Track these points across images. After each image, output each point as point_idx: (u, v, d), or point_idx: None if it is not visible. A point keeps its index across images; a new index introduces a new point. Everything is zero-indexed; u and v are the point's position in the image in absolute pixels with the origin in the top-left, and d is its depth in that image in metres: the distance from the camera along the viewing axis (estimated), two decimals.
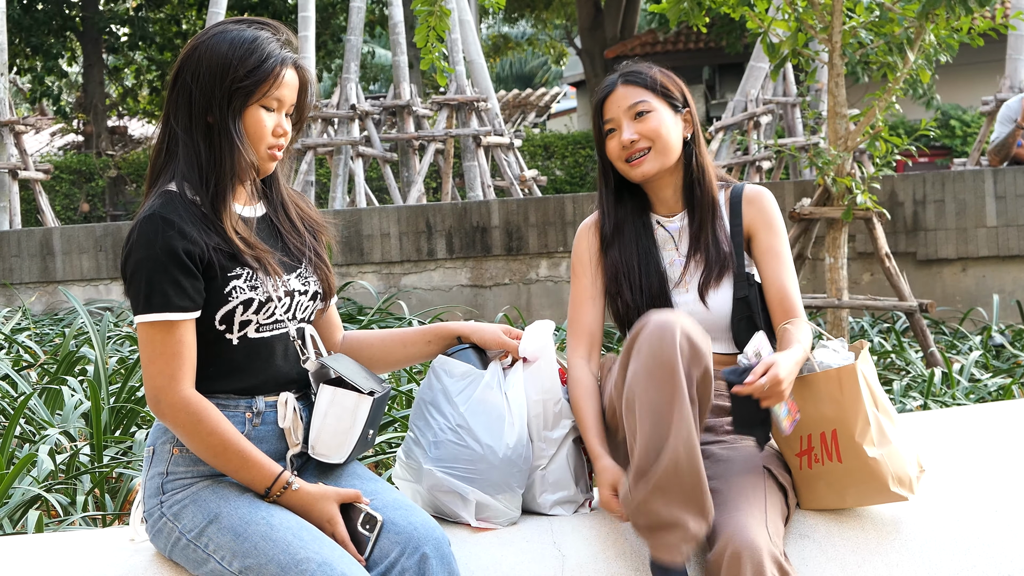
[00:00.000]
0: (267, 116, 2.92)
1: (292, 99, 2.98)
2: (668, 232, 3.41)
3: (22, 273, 12.28)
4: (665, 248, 3.40)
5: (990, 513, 3.11)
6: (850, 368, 3.03)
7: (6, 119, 14.50)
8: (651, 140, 3.29)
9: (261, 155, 2.94)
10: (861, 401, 3.00)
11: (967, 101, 23.32)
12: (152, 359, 2.83)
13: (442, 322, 3.44)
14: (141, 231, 2.83)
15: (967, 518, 3.09)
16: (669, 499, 2.76)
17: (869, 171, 8.43)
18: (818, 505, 3.11)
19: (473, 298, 11.64)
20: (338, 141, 15.03)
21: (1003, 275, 10.78)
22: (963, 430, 3.87)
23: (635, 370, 2.84)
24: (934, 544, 3.01)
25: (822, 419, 3.03)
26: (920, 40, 7.84)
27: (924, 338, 8.13)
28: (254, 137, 2.92)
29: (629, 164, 3.31)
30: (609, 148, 3.34)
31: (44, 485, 5.01)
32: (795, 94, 15.70)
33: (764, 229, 3.36)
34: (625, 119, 3.30)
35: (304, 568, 2.67)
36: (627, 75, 3.37)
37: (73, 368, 7.56)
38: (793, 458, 3.09)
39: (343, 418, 2.97)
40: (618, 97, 3.34)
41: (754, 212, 3.39)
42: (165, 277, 2.80)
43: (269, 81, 2.89)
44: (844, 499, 3.08)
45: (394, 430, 5.71)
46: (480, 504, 3.12)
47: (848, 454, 2.99)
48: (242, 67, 2.87)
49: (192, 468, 2.90)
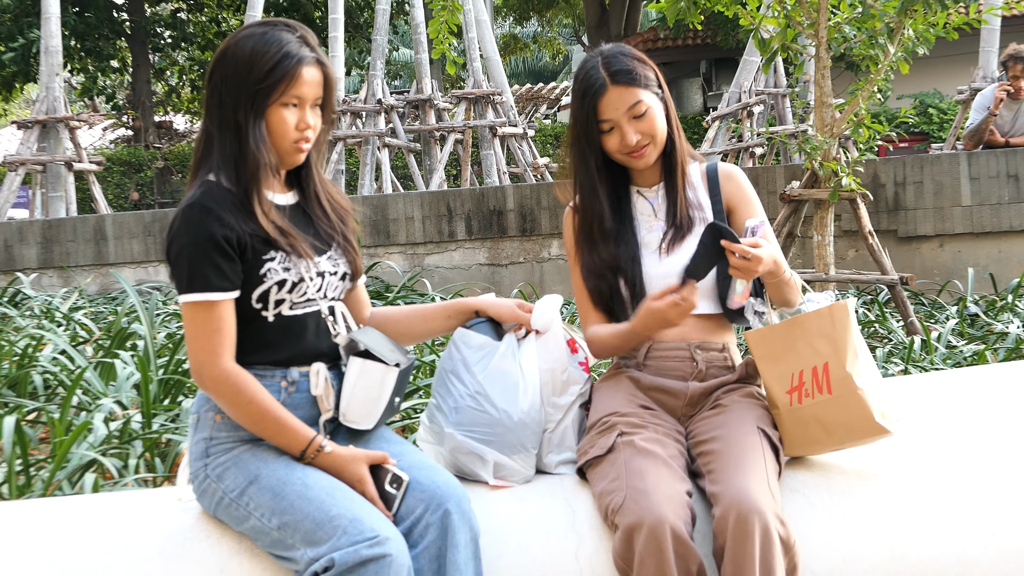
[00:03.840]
0: (289, 113, 2.91)
1: (315, 94, 2.95)
2: (649, 203, 3.40)
3: (78, 257, 12.30)
4: (647, 219, 3.39)
5: (965, 465, 3.11)
6: (842, 304, 3.02)
7: (61, 116, 14.52)
8: (651, 136, 3.27)
9: (286, 149, 2.93)
10: (851, 334, 2.99)
11: (944, 90, 23.24)
12: (195, 335, 2.85)
13: (461, 298, 3.44)
14: (184, 218, 2.84)
15: (945, 471, 3.09)
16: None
17: (853, 156, 8.40)
18: (806, 448, 3.06)
19: (490, 276, 11.64)
20: (366, 133, 15.03)
21: (977, 250, 10.76)
22: (941, 392, 3.87)
23: (638, 566, 2.71)
24: (914, 495, 3.01)
25: (815, 354, 3.01)
26: (899, 34, 7.82)
27: (905, 309, 8.13)
28: (278, 134, 2.91)
29: (631, 156, 3.29)
30: (608, 144, 3.29)
31: (99, 450, 5.03)
32: (785, 85, 15.66)
33: (743, 202, 3.37)
34: (624, 120, 3.25)
35: (337, 524, 2.68)
36: (616, 75, 3.25)
37: (125, 343, 7.57)
38: (783, 396, 3.04)
39: (371, 388, 2.98)
40: (614, 99, 3.25)
41: (732, 187, 3.39)
42: (206, 261, 2.81)
43: (286, 80, 2.88)
44: (832, 435, 3.01)
45: (418, 397, 5.72)
46: (497, 464, 3.13)
47: (838, 386, 2.96)
48: (262, 69, 2.87)
49: (233, 433, 2.91)
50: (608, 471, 2.95)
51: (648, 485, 2.81)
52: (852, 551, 2.91)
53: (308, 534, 2.70)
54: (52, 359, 7.07)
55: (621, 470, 2.91)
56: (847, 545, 2.92)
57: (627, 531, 2.75)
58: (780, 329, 3.09)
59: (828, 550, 2.91)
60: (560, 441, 3.23)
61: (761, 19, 8.38)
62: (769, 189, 10.84)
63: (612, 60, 3.29)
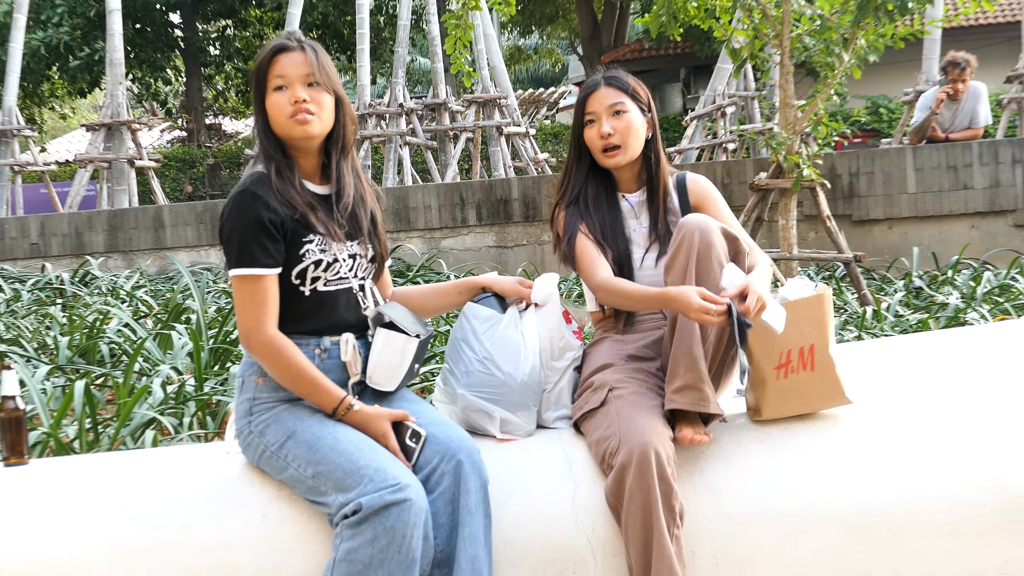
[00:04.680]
0: (280, 94, 2.92)
1: (301, 72, 2.93)
2: (630, 204, 3.40)
3: (139, 242, 12.30)
4: (629, 218, 3.39)
5: (912, 419, 3.10)
6: (822, 296, 3.04)
7: (124, 119, 14.51)
8: (623, 137, 3.28)
9: (287, 124, 2.92)
10: (830, 323, 3.02)
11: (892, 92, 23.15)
12: (243, 306, 2.85)
13: (471, 276, 3.43)
14: (235, 203, 2.86)
15: (894, 424, 3.08)
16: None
17: (813, 150, 8.39)
18: (780, 413, 3.07)
19: (498, 256, 11.63)
20: (389, 132, 15.00)
21: (921, 232, 10.74)
22: (890, 356, 3.86)
23: (628, 500, 2.77)
24: (867, 446, 3.00)
25: (801, 336, 3.01)
26: (853, 44, 7.80)
27: (858, 283, 8.11)
28: (278, 115, 2.92)
29: (605, 155, 3.31)
30: (588, 136, 3.34)
31: (158, 410, 5.04)
32: (753, 89, 15.63)
33: (708, 200, 3.37)
34: (605, 114, 3.30)
35: (364, 473, 2.68)
36: (609, 78, 3.34)
37: (180, 317, 7.58)
38: (772, 371, 3.04)
39: (395, 355, 2.98)
40: (601, 96, 3.32)
41: (698, 190, 3.40)
42: (253, 241, 2.82)
43: (267, 68, 2.93)
44: (806, 404, 3.05)
45: (435, 363, 5.72)
46: (503, 420, 3.13)
47: (820, 364, 2.99)
48: (257, 67, 2.95)
49: (274, 394, 2.91)
50: (602, 422, 2.97)
51: (637, 427, 2.83)
52: (814, 496, 2.91)
53: (339, 482, 2.71)
54: (117, 331, 7.09)
55: (613, 419, 2.92)
56: (809, 490, 2.92)
57: (620, 470, 2.78)
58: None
59: (793, 495, 2.91)
60: (557, 399, 3.25)
61: (732, 31, 8.42)
62: (740, 180, 10.83)
63: (612, 72, 3.38)
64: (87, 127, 15.16)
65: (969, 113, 10.53)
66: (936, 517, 2.88)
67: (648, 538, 2.73)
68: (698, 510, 2.88)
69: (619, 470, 2.79)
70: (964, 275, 9.03)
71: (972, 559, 2.88)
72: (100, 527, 2.83)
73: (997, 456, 2.98)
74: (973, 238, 10.60)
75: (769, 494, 2.91)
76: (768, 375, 3.07)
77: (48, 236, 12.54)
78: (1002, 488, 2.92)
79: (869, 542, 2.87)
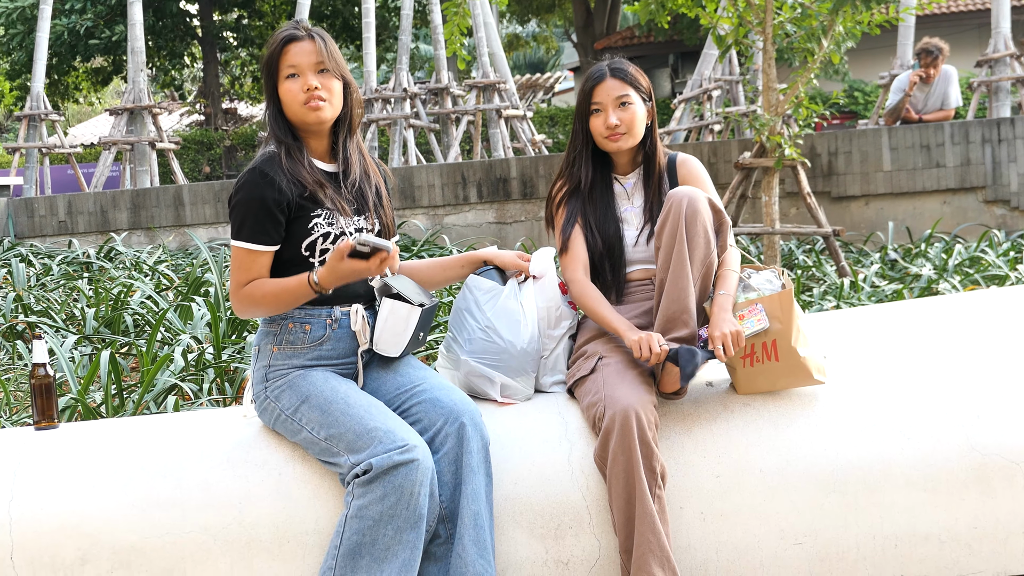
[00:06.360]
0: (293, 82, 2.89)
1: (311, 60, 2.90)
2: (624, 188, 3.38)
3: (160, 219, 12.30)
4: (622, 200, 3.37)
5: (887, 382, 3.11)
6: (788, 293, 3.02)
7: (145, 104, 14.47)
8: (628, 126, 3.25)
9: (301, 111, 2.90)
10: (795, 317, 3.00)
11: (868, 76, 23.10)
12: (235, 271, 2.88)
13: (473, 250, 3.43)
14: (245, 179, 2.86)
15: (870, 387, 3.09)
16: (647, 564, 2.72)
17: (794, 131, 8.37)
18: (757, 391, 3.08)
19: (498, 232, 11.62)
20: (394, 116, 14.95)
21: (896, 207, 10.74)
22: (867, 324, 3.86)
23: (611, 462, 2.79)
24: (844, 407, 3.01)
25: (766, 332, 3.02)
26: (832, 30, 7.78)
27: (837, 256, 8.12)
28: (291, 102, 2.90)
29: (608, 139, 3.27)
30: (594, 124, 3.28)
31: (179, 376, 5.05)
32: (738, 73, 15.58)
33: (696, 181, 3.32)
34: (611, 106, 3.24)
35: (374, 435, 2.68)
36: (615, 70, 3.27)
37: (199, 289, 7.58)
38: (738, 360, 3.05)
39: (398, 323, 2.97)
40: (607, 87, 3.24)
41: (685, 171, 3.36)
42: (254, 218, 2.83)
43: (277, 57, 2.91)
44: (777, 385, 3.05)
45: (440, 332, 5.72)
46: (504, 385, 3.13)
47: (784, 355, 2.98)
48: (268, 56, 2.92)
49: (288, 362, 2.91)
50: (591, 388, 2.98)
51: (620, 393, 2.85)
52: (793, 452, 2.92)
53: (350, 443, 2.71)
54: (140, 303, 7.09)
55: (600, 386, 2.93)
56: (789, 448, 2.93)
57: (604, 433, 2.81)
58: (739, 308, 3.08)
59: (773, 453, 2.92)
60: (553, 366, 3.25)
61: (718, 19, 8.40)
62: (725, 159, 10.81)
63: (617, 63, 3.32)
64: (111, 111, 15.13)
65: (941, 95, 10.51)
66: (910, 474, 2.89)
67: (631, 497, 2.75)
68: (686, 469, 2.90)
69: (604, 434, 2.82)
70: (936, 248, 9.04)
71: (944, 513, 2.90)
72: (125, 485, 2.83)
73: (967, 417, 2.99)
74: (945, 213, 10.59)
75: (752, 453, 2.92)
76: (736, 363, 3.07)
77: (75, 214, 12.54)
78: (972, 447, 2.93)
79: (846, 496, 2.88)
